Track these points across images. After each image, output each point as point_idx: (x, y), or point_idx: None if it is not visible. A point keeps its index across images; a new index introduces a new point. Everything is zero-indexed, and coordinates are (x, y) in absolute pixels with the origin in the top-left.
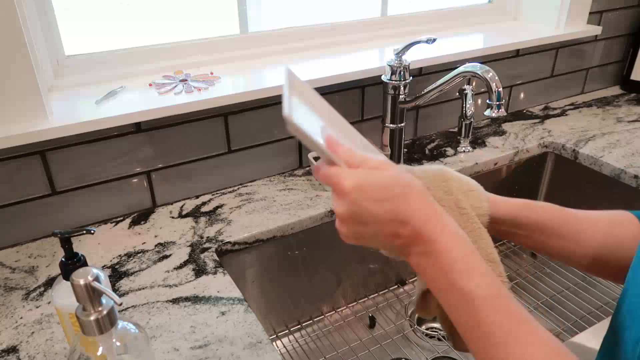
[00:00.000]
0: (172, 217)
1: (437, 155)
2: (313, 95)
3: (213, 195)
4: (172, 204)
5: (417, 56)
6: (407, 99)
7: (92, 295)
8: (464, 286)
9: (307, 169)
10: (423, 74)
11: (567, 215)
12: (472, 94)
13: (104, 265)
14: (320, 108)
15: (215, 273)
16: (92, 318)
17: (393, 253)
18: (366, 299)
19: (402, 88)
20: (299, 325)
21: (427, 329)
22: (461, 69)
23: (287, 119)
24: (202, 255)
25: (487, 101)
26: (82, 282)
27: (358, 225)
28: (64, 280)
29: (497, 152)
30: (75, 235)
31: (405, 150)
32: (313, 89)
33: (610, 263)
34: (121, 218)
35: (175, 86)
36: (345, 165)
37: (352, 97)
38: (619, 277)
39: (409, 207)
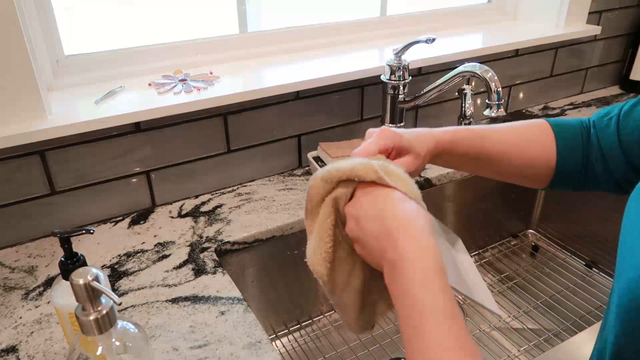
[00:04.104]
0: (172, 217)
1: None
2: None
3: (212, 195)
4: (171, 203)
5: (416, 56)
6: (407, 99)
7: (91, 295)
8: (417, 295)
9: (307, 168)
10: (422, 73)
11: (491, 137)
12: (472, 94)
13: (104, 265)
14: None
15: (214, 273)
16: (91, 318)
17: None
18: None
19: (401, 88)
20: (299, 325)
21: None
22: (460, 68)
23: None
24: (201, 255)
25: (487, 101)
26: (81, 281)
27: (355, 218)
28: (64, 280)
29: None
30: (74, 235)
31: None
32: None
33: (532, 174)
34: (120, 218)
35: (175, 86)
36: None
37: (351, 97)
38: (542, 185)
39: (393, 207)
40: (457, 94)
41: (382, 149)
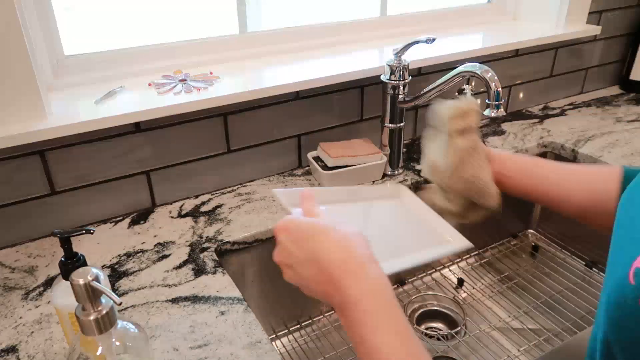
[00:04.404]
0: (172, 217)
1: None
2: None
3: (212, 195)
4: (171, 203)
5: (416, 56)
6: (407, 99)
7: (91, 295)
8: (372, 341)
9: (307, 168)
10: (422, 73)
11: (560, 170)
12: (472, 94)
13: (104, 265)
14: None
15: (214, 273)
16: (91, 318)
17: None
18: None
19: (401, 88)
20: (299, 325)
21: (426, 329)
22: (460, 68)
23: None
24: (201, 255)
25: (487, 101)
26: (81, 281)
27: (288, 266)
28: (64, 280)
29: (496, 152)
30: (74, 235)
31: (405, 150)
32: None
33: (594, 215)
34: (120, 218)
35: (175, 86)
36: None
37: (351, 97)
38: (603, 228)
39: (323, 246)
40: (457, 94)
41: None
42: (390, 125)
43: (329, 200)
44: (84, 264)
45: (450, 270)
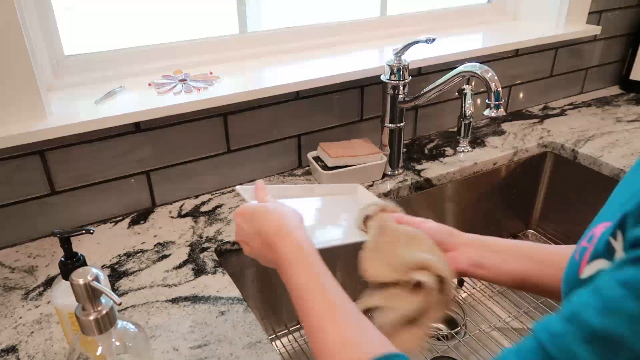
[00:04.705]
0: (172, 217)
1: (436, 155)
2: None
3: (212, 195)
4: (171, 203)
5: (416, 56)
6: (407, 99)
7: (91, 295)
8: (296, 282)
9: (307, 168)
10: (422, 73)
11: (544, 253)
12: (472, 94)
13: (104, 265)
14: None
15: (214, 273)
16: (91, 318)
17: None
18: None
19: (401, 88)
20: (298, 325)
21: None
22: (460, 68)
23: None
24: (201, 255)
25: (487, 101)
26: (81, 281)
27: (244, 242)
28: (64, 280)
29: (496, 152)
30: (74, 235)
31: (405, 150)
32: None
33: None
34: (120, 218)
35: (175, 86)
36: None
37: (351, 97)
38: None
39: (263, 222)
40: (457, 94)
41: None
42: (390, 125)
43: (287, 195)
44: (84, 264)
45: None
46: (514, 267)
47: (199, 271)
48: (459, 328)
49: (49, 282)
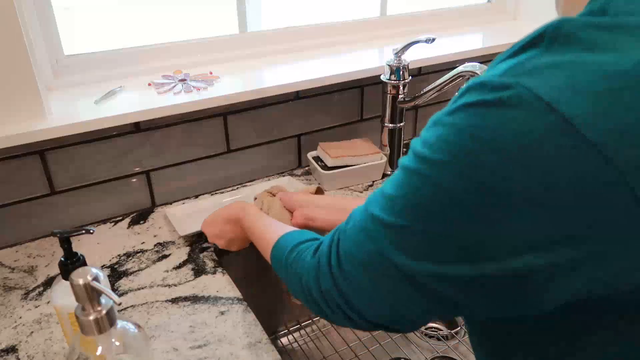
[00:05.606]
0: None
1: None
2: None
3: (212, 195)
4: (171, 203)
5: (416, 56)
6: (407, 99)
7: (91, 295)
8: (255, 229)
9: (307, 168)
10: (422, 73)
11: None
12: None
13: (103, 265)
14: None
15: (214, 273)
16: (91, 318)
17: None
18: None
19: (401, 88)
20: (298, 325)
21: (426, 329)
22: (460, 68)
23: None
24: (201, 255)
25: None
26: (81, 281)
27: (217, 237)
28: (63, 280)
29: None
30: (74, 235)
31: (405, 150)
32: None
33: None
34: (120, 218)
35: (175, 86)
36: None
37: (351, 97)
38: None
39: (225, 211)
40: (457, 94)
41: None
42: (390, 125)
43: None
44: (84, 264)
45: None
46: (337, 217)
47: (199, 271)
48: (459, 328)
49: (48, 282)
